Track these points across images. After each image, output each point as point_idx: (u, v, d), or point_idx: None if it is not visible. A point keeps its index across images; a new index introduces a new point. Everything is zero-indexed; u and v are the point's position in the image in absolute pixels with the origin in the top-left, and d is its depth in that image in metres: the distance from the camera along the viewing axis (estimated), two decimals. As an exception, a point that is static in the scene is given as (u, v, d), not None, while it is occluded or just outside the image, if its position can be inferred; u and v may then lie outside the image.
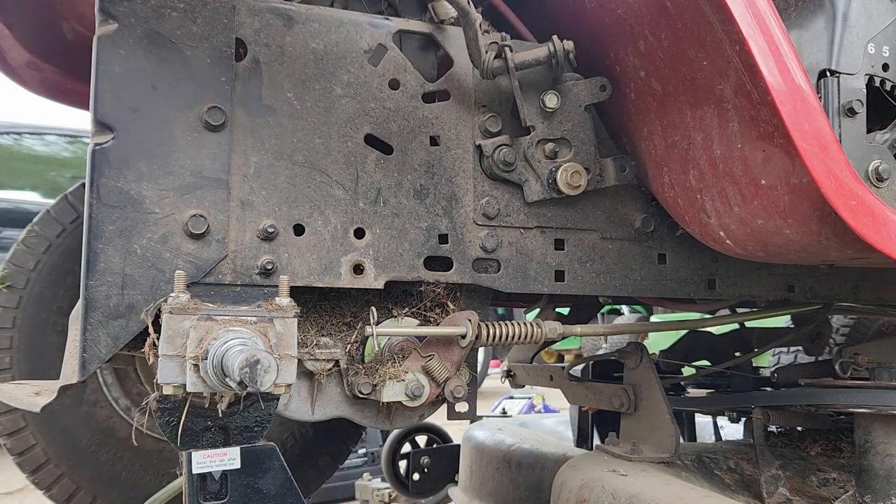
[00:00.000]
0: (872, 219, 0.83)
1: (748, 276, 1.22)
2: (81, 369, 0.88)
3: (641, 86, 1.01)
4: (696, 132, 0.94)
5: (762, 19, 0.81)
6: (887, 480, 1.08)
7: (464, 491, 2.02)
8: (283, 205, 0.97)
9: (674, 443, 1.19)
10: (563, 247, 1.11)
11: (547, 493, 1.29)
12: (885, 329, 2.32)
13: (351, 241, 1.00)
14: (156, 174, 0.91)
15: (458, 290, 1.10)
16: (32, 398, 1.09)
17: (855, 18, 0.97)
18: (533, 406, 4.55)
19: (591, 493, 1.08)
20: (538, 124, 1.07)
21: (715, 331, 1.92)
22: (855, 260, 0.97)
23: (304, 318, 1.02)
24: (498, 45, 1.01)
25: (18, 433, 1.50)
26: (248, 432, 0.91)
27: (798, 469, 1.32)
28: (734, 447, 1.42)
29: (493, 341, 1.06)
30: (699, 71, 0.89)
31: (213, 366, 0.78)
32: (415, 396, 1.01)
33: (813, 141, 0.81)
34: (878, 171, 0.93)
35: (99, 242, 0.88)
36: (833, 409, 1.22)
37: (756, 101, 0.82)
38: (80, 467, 1.53)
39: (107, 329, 0.88)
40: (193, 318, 0.82)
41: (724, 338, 1.91)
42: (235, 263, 0.94)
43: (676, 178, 1.02)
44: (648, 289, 1.16)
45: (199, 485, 0.84)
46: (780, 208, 0.88)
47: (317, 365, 1.02)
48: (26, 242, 1.56)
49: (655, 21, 0.91)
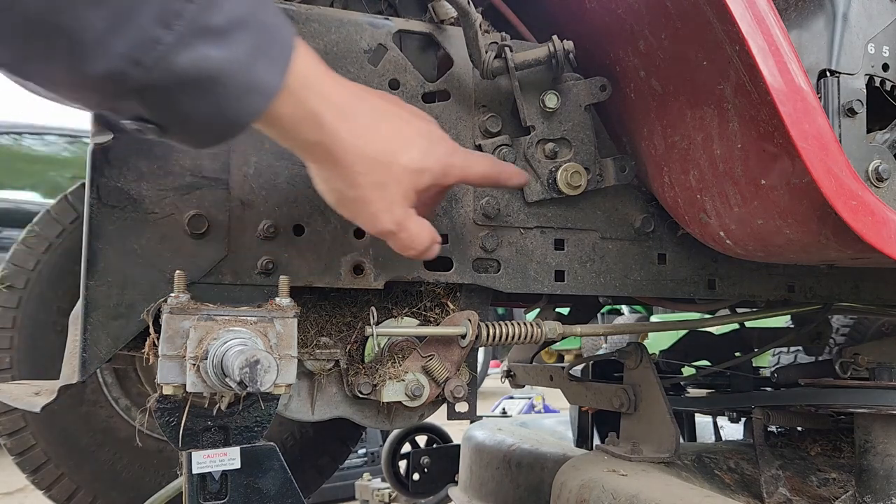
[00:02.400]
0: (872, 219, 0.83)
1: (748, 276, 1.22)
2: (81, 369, 0.88)
3: (641, 86, 1.01)
4: (696, 132, 0.94)
5: (762, 19, 0.81)
6: (887, 480, 1.08)
7: (464, 491, 2.02)
8: (283, 205, 0.97)
9: (674, 443, 1.19)
10: (563, 247, 1.11)
11: (547, 493, 1.29)
12: (886, 329, 2.32)
13: (351, 241, 1.00)
14: (156, 174, 0.91)
15: (457, 289, 1.10)
16: (32, 398, 1.09)
17: (855, 18, 0.97)
18: (533, 406, 4.55)
19: (591, 493, 1.08)
20: (538, 124, 1.07)
21: (715, 331, 1.92)
22: (855, 260, 0.97)
23: (304, 318, 1.02)
24: (498, 45, 1.01)
25: (18, 433, 1.50)
26: (248, 432, 0.91)
27: (798, 469, 1.32)
28: (734, 447, 1.42)
29: (493, 341, 1.06)
30: (699, 71, 0.89)
31: (213, 366, 0.78)
32: (415, 396, 1.01)
33: (813, 141, 0.81)
34: (878, 171, 0.93)
35: (99, 242, 0.88)
36: (833, 409, 1.22)
37: (756, 101, 0.82)
38: (80, 467, 1.53)
39: (107, 329, 0.88)
40: (193, 318, 0.82)
41: (724, 338, 1.91)
42: (235, 263, 0.94)
43: (676, 178, 1.02)
44: (648, 289, 1.16)
45: (199, 485, 0.84)
46: (780, 208, 0.88)
47: (317, 365, 1.02)
48: (26, 242, 1.56)
49: (655, 21, 0.91)
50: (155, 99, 0.60)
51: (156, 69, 0.57)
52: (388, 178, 0.78)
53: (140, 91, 0.59)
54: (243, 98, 0.63)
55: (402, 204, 0.81)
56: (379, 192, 0.78)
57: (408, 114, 0.84)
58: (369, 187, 0.78)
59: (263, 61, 0.63)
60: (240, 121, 0.65)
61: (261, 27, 0.63)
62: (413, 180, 0.81)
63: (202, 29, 0.58)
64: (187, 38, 0.57)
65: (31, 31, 0.53)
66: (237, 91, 0.63)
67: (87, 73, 0.56)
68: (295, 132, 0.73)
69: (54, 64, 0.56)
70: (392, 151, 0.78)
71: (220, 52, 0.59)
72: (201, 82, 0.60)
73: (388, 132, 0.79)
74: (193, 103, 0.61)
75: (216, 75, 0.60)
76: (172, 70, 0.58)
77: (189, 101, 0.61)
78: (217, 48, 0.59)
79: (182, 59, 0.58)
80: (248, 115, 0.65)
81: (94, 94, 0.60)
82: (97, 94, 0.59)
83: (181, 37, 0.57)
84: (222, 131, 0.66)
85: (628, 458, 1.21)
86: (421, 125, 0.83)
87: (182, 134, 0.66)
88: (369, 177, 0.77)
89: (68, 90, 0.60)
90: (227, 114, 0.64)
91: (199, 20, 0.58)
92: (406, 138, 0.81)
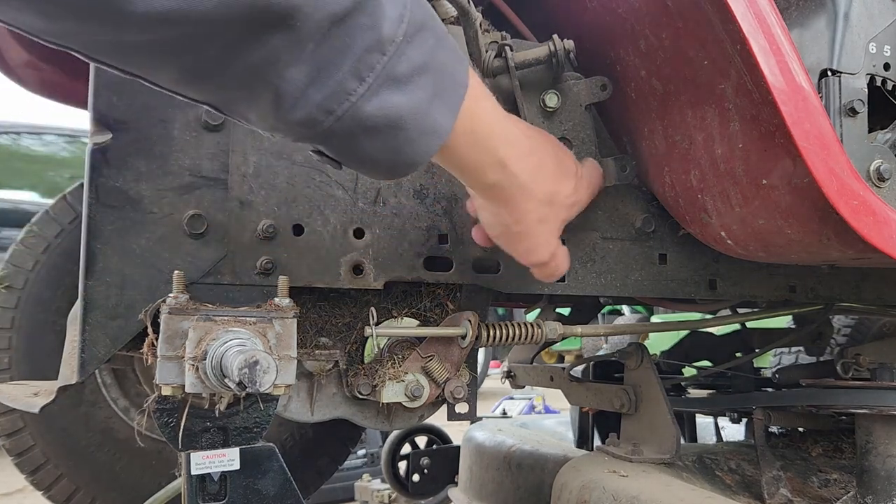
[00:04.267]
0: (874, 219, 0.83)
1: (749, 277, 1.21)
2: (80, 370, 0.87)
3: (642, 85, 1.00)
4: (697, 132, 0.94)
5: (763, 19, 0.80)
6: (888, 481, 1.08)
7: (464, 492, 2.02)
8: (283, 204, 0.96)
9: (675, 444, 1.19)
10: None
11: (547, 494, 1.29)
12: (887, 329, 2.31)
13: (350, 241, 0.99)
14: (155, 174, 0.90)
15: (458, 290, 1.09)
16: (31, 399, 1.08)
17: (856, 18, 0.97)
18: (533, 407, 4.55)
19: (592, 494, 1.08)
20: (539, 124, 1.06)
21: (716, 331, 1.91)
22: (856, 260, 0.97)
23: (304, 318, 1.02)
24: (498, 45, 1.01)
25: (17, 434, 1.49)
26: (248, 433, 0.90)
27: (799, 470, 1.31)
28: (735, 448, 1.41)
29: (493, 342, 1.05)
30: (700, 70, 0.89)
31: (212, 366, 0.77)
32: (414, 397, 1.01)
33: (814, 141, 0.80)
34: (880, 171, 0.93)
35: (97, 242, 0.87)
36: (834, 410, 1.22)
37: (757, 100, 0.82)
38: (79, 468, 1.52)
39: (105, 329, 0.88)
40: (192, 318, 0.82)
41: (725, 338, 1.90)
42: (234, 263, 0.94)
43: (677, 178, 1.02)
44: (649, 289, 1.15)
45: (199, 486, 0.84)
46: (781, 208, 0.88)
47: (316, 365, 1.01)
48: (25, 242, 1.56)
49: (656, 20, 0.91)
50: (338, 142, 0.64)
51: (345, 117, 0.61)
52: (549, 215, 0.84)
53: (327, 135, 0.62)
54: (418, 140, 0.66)
55: (556, 236, 0.87)
56: (541, 227, 0.84)
57: (558, 149, 0.89)
58: (534, 223, 0.84)
59: (439, 103, 0.66)
60: (414, 161, 0.68)
61: (439, 69, 0.65)
62: (567, 214, 0.87)
63: (389, 77, 0.61)
64: (375, 88, 0.60)
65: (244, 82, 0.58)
66: (414, 134, 0.65)
67: (284, 119, 0.61)
68: (480, 174, 0.77)
69: (257, 110, 0.61)
70: (556, 191, 0.84)
71: (402, 98, 0.62)
72: (383, 127, 0.63)
73: (550, 170, 0.83)
74: (372, 146, 0.64)
75: (397, 121, 0.63)
76: (359, 118, 0.61)
77: (369, 144, 0.64)
78: (400, 94, 0.62)
79: (369, 107, 0.61)
80: (422, 156, 0.67)
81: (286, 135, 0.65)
82: (289, 135, 0.64)
83: (370, 87, 0.60)
84: (396, 170, 0.69)
85: (629, 459, 1.21)
86: (568, 160, 0.89)
87: (358, 169, 0.71)
88: (535, 214, 0.83)
89: (264, 129, 0.65)
90: (402, 156, 0.66)
91: (387, 70, 0.60)
92: (562, 174, 0.86)
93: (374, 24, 0.58)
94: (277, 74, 0.57)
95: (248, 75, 0.58)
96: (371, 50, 0.59)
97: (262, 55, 0.56)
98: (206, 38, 0.54)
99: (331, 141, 0.64)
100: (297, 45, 0.56)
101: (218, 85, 0.59)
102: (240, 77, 0.58)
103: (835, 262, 1.10)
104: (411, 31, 0.61)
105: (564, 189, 0.85)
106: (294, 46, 0.56)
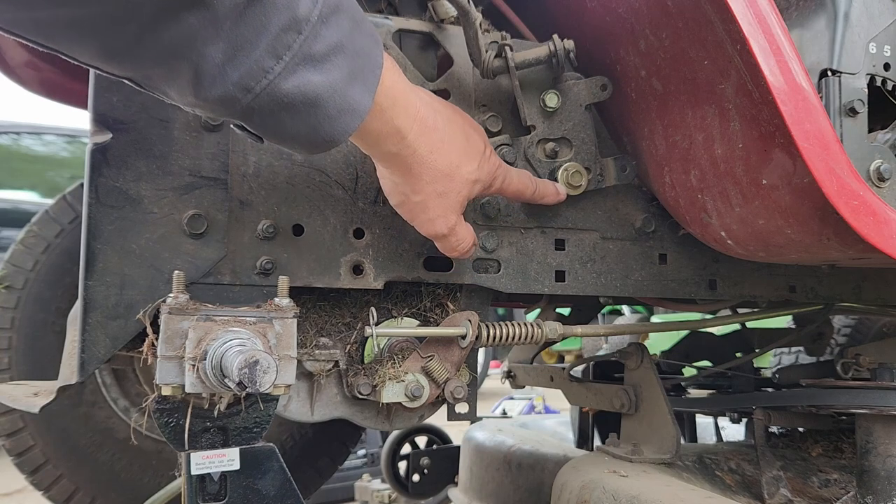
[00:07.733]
0: (874, 219, 0.83)
1: (749, 277, 1.21)
2: (80, 370, 0.87)
3: (642, 85, 1.00)
4: (697, 132, 0.94)
5: (763, 19, 0.80)
6: (888, 481, 1.08)
7: (464, 492, 2.02)
8: (282, 205, 0.96)
9: (675, 444, 1.19)
10: (564, 247, 1.11)
11: (547, 495, 1.29)
12: (887, 329, 2.31)
13: (350, 241, 0.99)
14: (154, 174, 0.90)
15: (458, 290, 1.09)
16: (31, 399, 1.08)
17: (856, 18, 0.97)
18: (533, 407, 4.55)
19: (592, 495, 1.08)
20: (538, 124, 1.06)
21: (716, 331, 1.91)
22: (856, 260, 0.97)
23: (304, 318, 1.01)
24: (498, 45, 1.01)
25: (17, 434, 1.49)
26: (248, 433, 0.90)
27: (799, 470, 1.31)
28: (735, 448, 1.41)
29: (493, 342, 1.05)
30: (700, 70, 0.89)
31: (212, 366, 0.77)
32: (414, 397, 1.01)
33: (814, 141, 0.80)
34: (880, 171, 0.93)
35: (97, 242, 0.87)
36: (834, 410, 1.22)
37: (757, 100, 0.82)
38: (78, 468, 1.52)
39: (105, 329, 0.87)
40: (192, 318, 0.82)
41: (726, 338, 1.90)
42: (234, 263, 0.93)
43: (677, 178, 1.02)
44: (649, 289, 1.15)
45: (199, 486, 0.84)
46: (781, 208, 0.88)
47: (316, 365, 1.01)
48: (25, 242, 1.56)
49: (656, 20, 0.91)
50: (258, 119, 0.65)
51: (263, 94, 0.62)
52: (449, 188, 0.86)
53: (247, 112, 0.64)
54: (337, 118, 0.68)
55: (456, 210, 0.89)
56: (439, 200, 0.86)
57: (469, 127, 0.90)
58: (432, 195, 0.85)
59: (356, 83, 0.68)
60: (334, 138, 0.70)
61: (356, 50, 0.67)
62: (468, 190, 0.88)
63: (305, 57, 0.63)
64: (291, 66, 0.62)
65: (162, 59, 0.59)
66: (333, 112, 0.67)
67: (203, 96, 0.62)
68: (379, 144, 0.79)
69: (176, 87, 0.63)
70: (457, 165, 0.85)
71: (319, 77, 0.64)
72: (301, 105, 0.65)
73: (455, 146, 0.85)
74: (292, 123, 0.66)
75: (314, 99, 0.65)
76: (277, 95, 0.63)
77: (288, 120, 0.66)
78: (317, 73, 0.64)
79: (286, 85, 0.63)
80: (341, 134, 0.70)
81: (206, 111, 0.67)
82: (209, 112, 0.66)
83: (287, 65, 0.62)
84: (315, 147, 0.71)
85: (629, 459, 1.21)
86: (478, 139, 0.90)
87: (280, 144, 0.72)
88: (434, 186, 0.85)
89: (183, 105, 0.66)
90: (320, 133, 0.68)
91: (304, 49, 0.62)
92: (467, 152, 0.87)
93: (290, 4, 0.60)
94: (195, 52, 0.58)
95: (167, 52, 0.58)
96: (287, 29, 0.60)
97: (180, 33, 0.57)
98: (125, 15, 0.55)
99: (251, 117, 0.65)
100: (214, 23, 0.57)
101: (137, 61, 0.60)
102: (158, 54, 0.59)
103: (835, 262, 1.10)
104: (326, 12, 0.63)
105: (467, 166, 0.86)
106: (211, 24, 0.57)
